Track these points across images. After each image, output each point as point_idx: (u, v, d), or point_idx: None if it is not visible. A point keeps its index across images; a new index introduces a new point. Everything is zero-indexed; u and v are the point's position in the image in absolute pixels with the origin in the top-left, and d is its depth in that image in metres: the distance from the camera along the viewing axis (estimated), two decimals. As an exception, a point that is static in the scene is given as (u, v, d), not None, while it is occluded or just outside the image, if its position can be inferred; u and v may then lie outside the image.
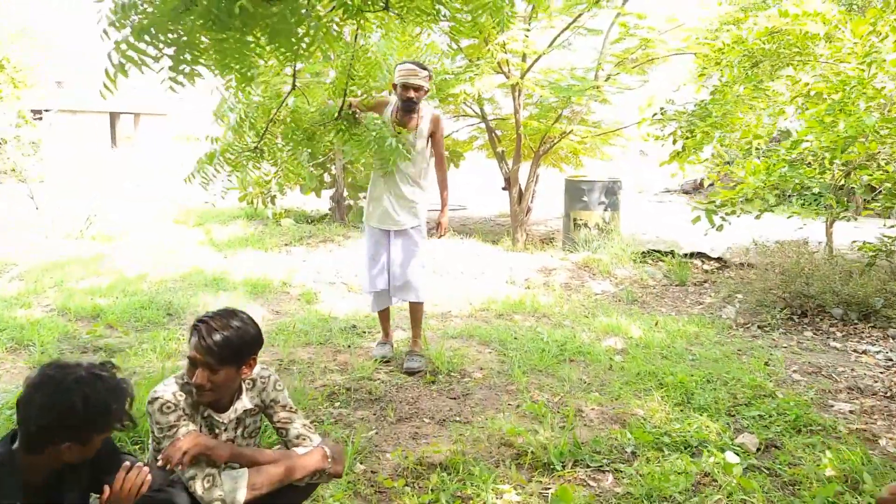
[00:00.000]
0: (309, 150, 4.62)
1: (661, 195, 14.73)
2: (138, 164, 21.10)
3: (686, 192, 14.69)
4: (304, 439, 2.43)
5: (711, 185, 13.92)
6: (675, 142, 7.86)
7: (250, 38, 2.92)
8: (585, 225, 8.31)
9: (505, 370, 4.61)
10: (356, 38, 3.79)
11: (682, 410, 3.88)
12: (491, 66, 7.85)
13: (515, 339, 5.23)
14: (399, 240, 4.64)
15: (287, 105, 4.09)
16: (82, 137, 27.29)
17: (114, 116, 31.34)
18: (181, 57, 2.83)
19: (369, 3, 2.79)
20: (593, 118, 9.75)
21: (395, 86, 4.33)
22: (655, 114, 7.88)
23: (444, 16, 2.87)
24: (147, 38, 2.70)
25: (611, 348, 5.06)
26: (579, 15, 7.87)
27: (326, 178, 10.93)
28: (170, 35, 2.80)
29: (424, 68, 4.31)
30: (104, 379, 1.93)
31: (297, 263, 7.85)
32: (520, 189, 8.98)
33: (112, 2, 2.77)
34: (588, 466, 3.32)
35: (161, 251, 8.31)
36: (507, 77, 8.17)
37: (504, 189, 9.15)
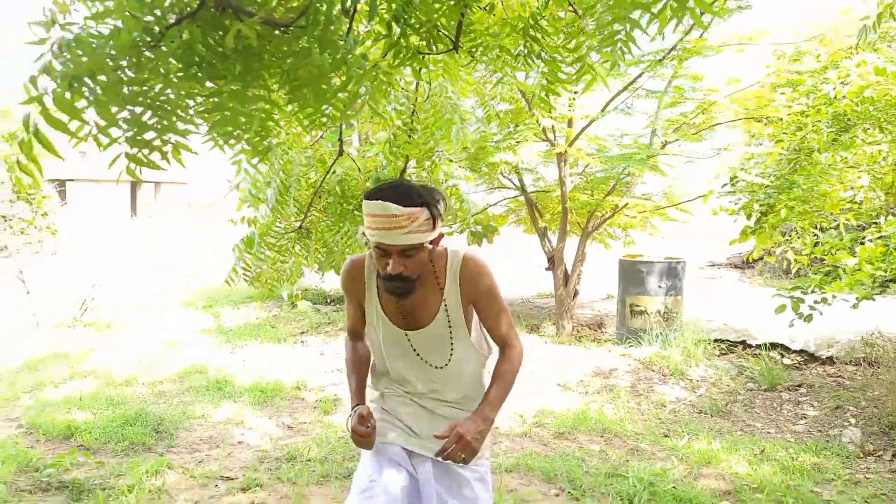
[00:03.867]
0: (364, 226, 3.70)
1: (707, 269, 13.60)
2: (156, 235, 20.44)
3: (736, 267, 13.52)
4: None
5: (760, 259, 12.83)
6: (748, 216, 6.84)
7: (257, 91, 1.97)
8: (644, 312, 7.23)
9: (584, 529, 3.48)
10: (416, 85, 2.88)
11: None
12: (534, 131, 6.94)
13: (588, 474, 4.11)
14: (440, 475, 2.24)
15: (335, 173, 3.20)
16: (103, 207, 26.97)
17: (134, 185, 31.05)
18: (141, 122, 1.87)
19: (431, 42, 1.85)
20: (641, 189, 8.79)
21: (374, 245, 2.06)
22: (724, 185, 6.91)
23: (538, 58, 1.93)
24: (86, 91, 1.74)
25: (715, 491, 3.92)
26: (639, 75, 6.99)
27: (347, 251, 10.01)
28: (126, 89, 1.85)
29: (420, 199, 1.96)
30: None
31: (313, 357, 6.82)
32: (565, 269, 7.95)
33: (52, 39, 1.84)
34: None
35: (161, 343, 7.33)
36: (553, 144, 7.26)
37: (547, 269, 8.13)
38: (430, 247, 2.04)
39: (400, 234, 1.94)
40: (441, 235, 2.08)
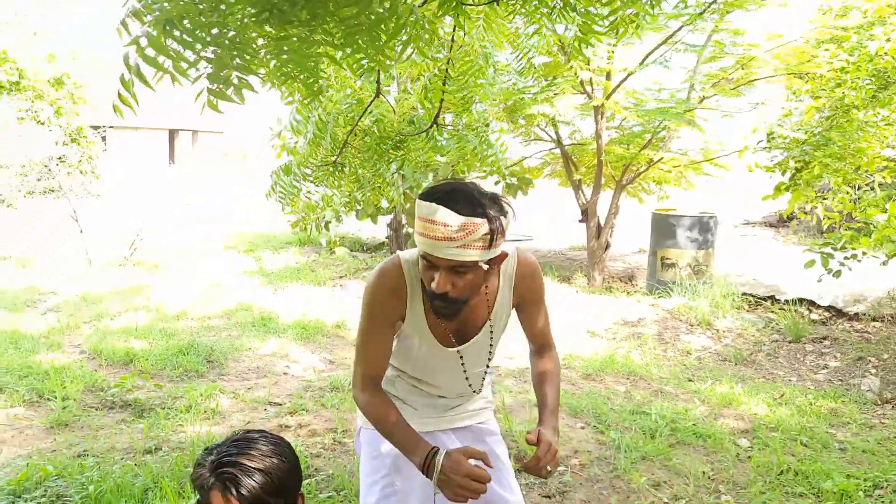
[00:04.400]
0: (395, 164, 3.89)
1: (741, 227, 13.58)
2: (194, 182, 20.90)
3: (771, 225, 13.48)
4: None
5: (792, 217, 12.75)
6: (783, 172, 6.90)
7: (319, 37, 2.14)
8: (674, 265, 7.37)
9: (607, 457, 3.73)
10: (452, 35, 3.03)
11: (858, 537, 2.94)
12: (572, 84, 7.02)
13: (613, 410, 4.35)
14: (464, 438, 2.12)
15: (370, 113, 3.37)
16: (141, 154, 27.46)
17: (172, 133, 31.57)
18: (225, 61, 2.08)
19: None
20: (678, 145, 8.83)
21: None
22: (760, 141, 6.94)
23: (573, 10, 2.07)
24: (177, 33, 1.95)
25: (734, 429, 4.13)
26: (679, 28, 6.98)
27: (384, 203, 10.22)
28: (210, 31, 2.05)
29: (482, 209, 1.66)
30: None
31: (352, 301, 7.12)
32: (598, 222, 8.09)
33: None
34: None
35: (207, 282, 7.68)
36: (590, 97, 7.34)
37: (581, 221, 8.27)
38: (486, 267, 1.70)
39: (451, 248, 1.62)
40: (502, 256, 1.75)
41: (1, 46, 14.36)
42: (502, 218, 1.68)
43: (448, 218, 1.61)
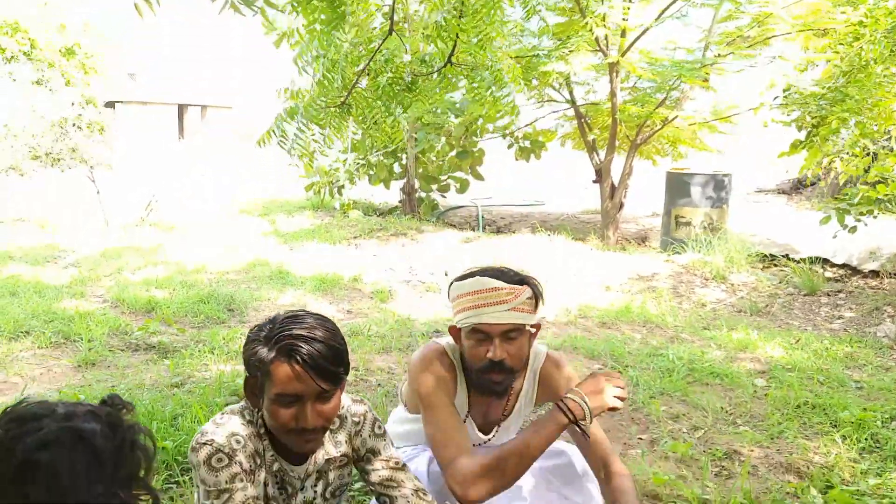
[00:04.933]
0: (403, 108, 3.88)
1: (754, 195, 13.52)
2: (203, 157, 20.94)
3: (784, 193, 13.42)
4: None
5: (814, 183, 12.70)
6: (799, 128, 6.88)
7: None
8: (689, 223, 7.38)
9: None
10: None
11: (875, 460, 2.99)
12: (587, 41, 6.99)
13: (630, 354, 4.40)
14: None
15: (382, 52, 3.36)
16: (151, 128, 27.49)
17: (182, 108, 31.54)
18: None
19: None
20: (691, 106, 8.79)
21: (455, 332, 1.96)
22: (777, 97, 6.91)
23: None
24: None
25: (751, 370, 4.17)
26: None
27: (396, 168, 10.25)
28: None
29: (518, 276, 1.90)
30: (87, 439, 0.96)
31: (367, 258, 7.18)
32: (612, 183, 8.09)
33: None
34: (768, 536, 2.48)
35: (223, 241, 7.75)
36: (605, 55, 7.30)
37: (595, 181, 8.28)
38: (533, 331, 1.91)
39: (503, 311, 1.80)
40: (539, 326, 1.94)
41: (13, 17, 14.38)
42: (537, 287, 1.88)
43: (496, 283, 1.81)
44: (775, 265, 7.00)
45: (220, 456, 1.52)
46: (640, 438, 3.27)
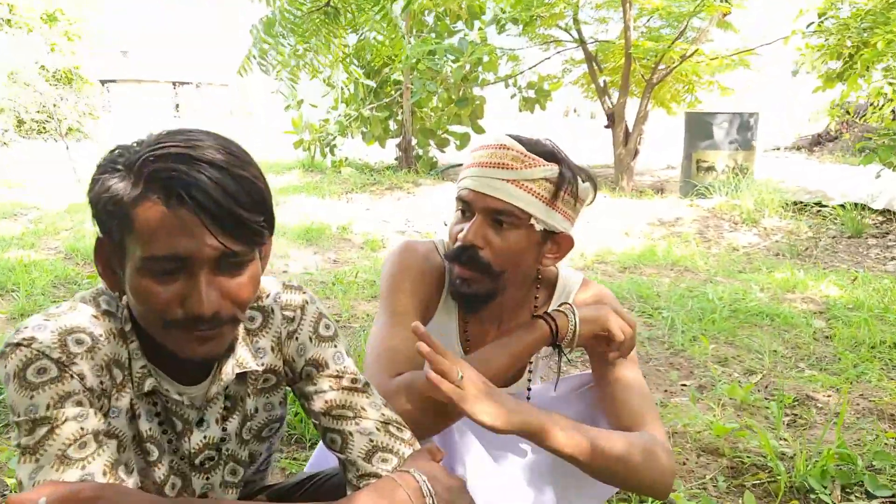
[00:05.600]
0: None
1: (771, 153, 12.80)
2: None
3: (800, 148, 12.68)
4: (383, 460, 1.03)
5: (836, 138, 11.99)
6: (837, 57, 6.19)
7: None
8: (712, 168, 6.71)
9: (659, 336, 3.15)
10: None
11: None
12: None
13: (660, 296, 3.75)
14: None
15: None
16: (146, 106, 26.80)
17: (176, 86, 30.76)
18: None
19: None
20: (707, 49, 8.09)
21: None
22: (811, 23, 6.22)
23: None
24: None
25: (805, 311, 3.53)
26: None
27: (392, 125, 9.56)
28: None
29: (556, 156, 1.26)
30: None
31: (359, 211, 6.52)
32: (626, 127, 7.41)
33: None
34: (872, 497, 1.85)
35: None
36: (619, -19, 6.60)
37: (607, 127, 7.59)
38: (540, 239, 1.25)
39: (500, 178, 1.21)
40: (565, 242, 1.28)
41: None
42: (582, 181, 1.25)
43: (508, 141, 1.23)
44: (807, 213, 6.34)
45: (41, 364, 0.87)
46: (684, 385, 2.64)
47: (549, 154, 1.25)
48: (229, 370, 1.02)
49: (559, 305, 1.28)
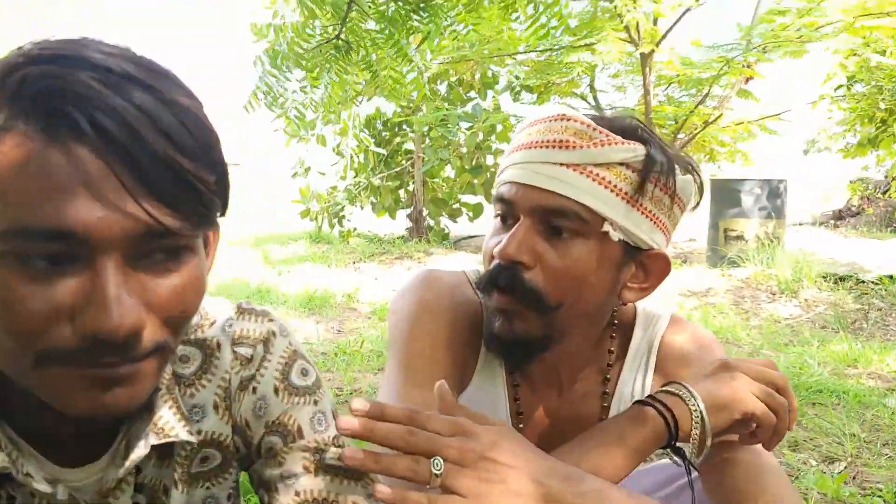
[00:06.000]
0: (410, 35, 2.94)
1: (792, 227, 12.46)
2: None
3: (821, 224, 12.33)
4: None
5: (858, 213, 11.67)
6: (869, 120, 5.94)
7: None
8: (740, 237, 6.35)
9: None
10: None
11: None
12: (616, 27, 6.12)
13: (705, 369, 3.31)
14: None
15: None
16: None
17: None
18: None
19: None
20: (728, 117, 7.88)
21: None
22: (840, 87, 6.00)
23: None
24: None
25: (874, 388, 3.08)
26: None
27: (402, 195, 9.32)
28: None
29: (642, 136, 0.87)
30: None
31: (367, 280, 6.16)
32: (646, 196, 7.10)
33: None
34: None
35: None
36: (636, 45, 6.42)
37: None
38: (619, 257, 0.87)
39: (557, 160, 0.82)
40: (660, 267, 0.91)
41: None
42: (679, 171, 0.87)
43: (570, 112, 0.86)
44: (843, 286, 5.92)
45: None
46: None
47: (631, 130, 0.86)
48: (142, 442, 0.63)
49: (665, 385, 0.82)
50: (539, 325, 0.86)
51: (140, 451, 0.60)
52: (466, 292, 0.98)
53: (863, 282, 5.97)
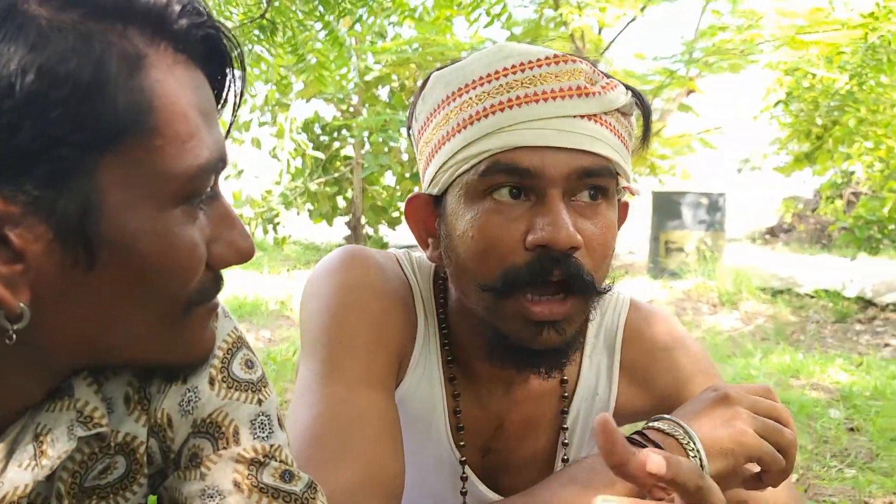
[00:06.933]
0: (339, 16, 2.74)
1: (727, 244, 12.73)
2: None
3: (755, 240, 12.63)
4: None
5: (790, 230, 12.00)
6: (806, 136, 6.03)
7: None
8: (681, 249, 6.37)
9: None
10: None
11: None
12: (562, 36, 6.10)
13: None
14: None
15: None
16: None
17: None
18: None
19: None
20: (668, 132, 7.97)
21: (421, 210, 0.79)
22: (778, 102, 6.09)
23: None
24: None
25: (817, 399, 3.04)
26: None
27: (340, 202, 9.09)
28: None
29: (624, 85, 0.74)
30: None
31: (300, 288, 5.90)
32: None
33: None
34: None
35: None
36: (581, 54, 6.41)
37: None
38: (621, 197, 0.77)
39: (582, 112, 0.68)
40: (624, 215, 0.80)
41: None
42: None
43: (563, 55, 0.71)
44: (780, 299, 6.00)
45: None
46: (706, 491, 2.06)
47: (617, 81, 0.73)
48: (64, 434, 0.46)
49: (656, 421, 0.67)
50: (582, 319, 0.73)
51: (64, 444, 0.44)
52: (399, 272, 0.82)
53: (799, 295, 6.06)
